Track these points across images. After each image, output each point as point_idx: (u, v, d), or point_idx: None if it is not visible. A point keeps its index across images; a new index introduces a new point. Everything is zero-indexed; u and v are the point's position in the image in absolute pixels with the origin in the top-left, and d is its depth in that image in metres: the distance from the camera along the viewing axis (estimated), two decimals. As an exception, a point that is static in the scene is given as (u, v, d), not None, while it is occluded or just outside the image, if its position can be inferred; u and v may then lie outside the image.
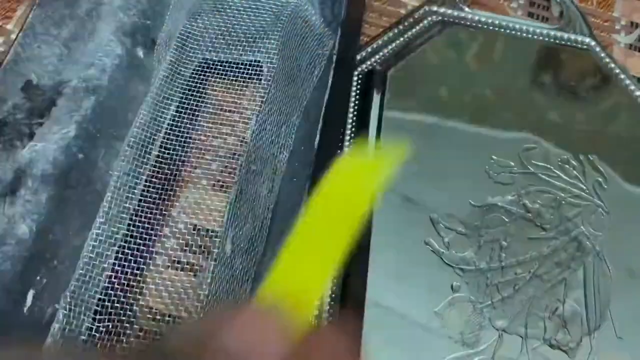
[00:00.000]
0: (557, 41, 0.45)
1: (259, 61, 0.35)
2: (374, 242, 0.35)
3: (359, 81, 0.41)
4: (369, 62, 0.41)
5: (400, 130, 0.39)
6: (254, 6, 0.38)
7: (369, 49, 0.42)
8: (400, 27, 0.43)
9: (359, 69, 0.41)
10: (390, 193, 0.37)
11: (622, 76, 0.44)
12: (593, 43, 0.45)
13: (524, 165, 0.40)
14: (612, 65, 0.45)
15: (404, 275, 0.35)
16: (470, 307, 0.35)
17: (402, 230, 0.36)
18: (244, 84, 0.36)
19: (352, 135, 0.39)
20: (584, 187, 0.40)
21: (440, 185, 0.38)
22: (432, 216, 0.37)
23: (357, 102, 0.40)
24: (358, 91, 0.40)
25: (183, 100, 0.35)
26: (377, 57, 0.42)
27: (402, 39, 0.43)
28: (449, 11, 0.44)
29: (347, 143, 0.38)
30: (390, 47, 0.42)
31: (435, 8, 0.44)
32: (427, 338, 0.34)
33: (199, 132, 0.34)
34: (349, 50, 0.39)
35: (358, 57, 0.41)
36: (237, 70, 0.36)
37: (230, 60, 0.36)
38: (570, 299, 0.36)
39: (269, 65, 0.35)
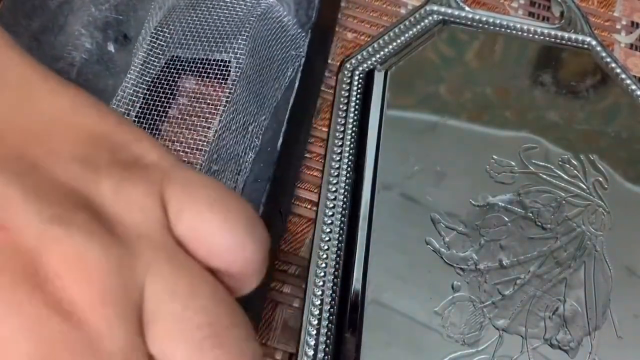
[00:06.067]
0: (558, 41, 0.45)
1: (227, 60, 0.35)
2: (374, 241, 0.35)
3: (360, 81, 0.41)
4: (369, 62, 0.41)
5: (401, 129, 0.39)
6: (223, 5, 0.38)
7: (370, 49, 0.42)
8: (401, 26, 0.43)
9: (360, 68, 0.41)
10: (390, 192, 0.37)
11: (623, 76, 0.44)
12: (594, 43, 0.45)
13: (524, 164, 0.40)
14: (613, 65, 0.44)
15: (404, 275, 0.35)
16: (470, 306, 0.35)
17: (402, 229, 0.36)
18: (211, 83, 0.35)
19: (353, 134, 0.39)
20: (585, 187, 0.40)
21: (440, 185, 0.38)
22: (432, 215, 0.37)
23: (357, 101, 0.40)
24: (359, 90, 0.40)
25: (150, 96, 0.35)
26: (378, 56, 0.42)
27: (402, 38, 0.43)
28: (450, 10, 0.44)
29: (348, 142, 0.38)
30: (390, 46, 0.42)
31: (435, 7, 0.44)
32: (427, 337, 0.34)
33: (165, 129, 0.34)
34: (319, 53, 0.39)
35: (359, 56, 0.41)
36: (204, 68, 0.36)
37: (198, 58, 0.36)
38: (571, 298, 0.36)
39: (236, 64, 0.35)
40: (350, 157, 0.38)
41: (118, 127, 0.16)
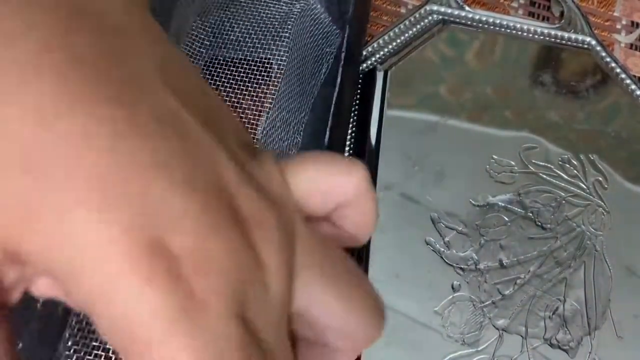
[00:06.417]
0: (558, 40, 0.45)
1: (268, 58, 0.36)
2: (374, 241, 0.35)
3: (360, 80, 0.41)
4: (369, 61, 0.41)
5: (401, 129, 0.39)
6: (263, 4, 0.38)
7: (370, 48, 0.42)
8: (401, 26, 0.43)
9: (360, 68, 0.41)
10: (390, 192, 0.37)
11: (623, 76, 0.44)
12: (594, 42, 0.45)
13: (524, 164, 0.40)
14: (613, 64, 0.44)
15: (404, 275, 0.35)
16: (470, 306, 0.35)
17: (403, 229, 0.36)
18: (254, 82, 0.36)
19: (353, 134, 0.39)
20: (585, 187, 0.40)
21: (440, 185, 0.38)
22: (432, 215, 0.37)
23: (357, 101, 0.40)
24: (359, 90, 0.40)
25: None
26: (378, 56, 0.42)
27: (402, 37, 0.43)
28: (450, 10, 0.44)
29: (348, 142, 0.38)
30: (390, 46, 0.42)
31: (435, 7, 0.44)
32: (427, 337, 0.34)
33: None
34: (356, 48, 0.39)
35: (359, 56, 0.42)
36: (247, 67, 0.36)
37: (240, 57, 0.36)
38: (571, 298, 0.36)
39: (279, 62, 0.35)
40: (350, 157, 0.38)
41: (242, 126, 0.18)
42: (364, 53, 0.42)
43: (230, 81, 0.36)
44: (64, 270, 0.13)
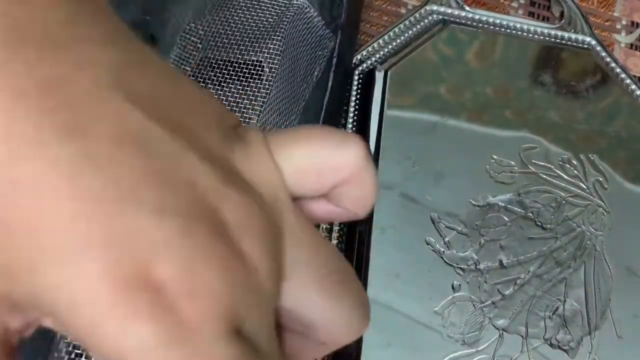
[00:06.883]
0: (558, 41, 0.45)
1: (260, 61, 0.36)
2: (374, 241, 0.35)
3: (360, 80, 0.41)
4: (369, 62, 0.41)
5: (401, 129, 0.39)
6: (257, 6, 0.38)
7: (370, 48, 0.42)
8: (401, 26, 0.43)
9: (360, 68, 0.41)
10: (390, 192, 0.37)
11: (623, 76, 0.44)
12: (594, 42, 0.45)
13: (524, 164, 0.40)
14: (613, 64, 0.44)
15: (404, 275, 0.35)
16: (470, 306, 0.35)
17: (402, 229, 0.36)
18: (245, 84, 0.36)
19: (353, 134, 0.39)
20: (585, 187, 0.40)
21: (440, 185, 0.38)
22: (432, 215, 0.37)
23: (357, 101, 0.40)
24: (359, 90, 0.40)
25: None
26: (378, 56, 0.42)
27: (402, 38, 0.43)
28: (450, 10, 0.44)
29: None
30: (390, 46, 0.42)
31: (435, 7, 0.44)
32: (427, 337, 0.34)
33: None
34: (347, 52, 0.39)
35: (359, 56, 0.41)
36: (238, 70, 0.36)
37: (231, 60, 0.36)
38: (571, 298, 0.36)
39: (270, 65, 0.35)
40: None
41: (225, 108, 0.18)
42: (364, 53, 0.42)
43: (222, 83, 0.36)
44: (61, 310, 0.13)
